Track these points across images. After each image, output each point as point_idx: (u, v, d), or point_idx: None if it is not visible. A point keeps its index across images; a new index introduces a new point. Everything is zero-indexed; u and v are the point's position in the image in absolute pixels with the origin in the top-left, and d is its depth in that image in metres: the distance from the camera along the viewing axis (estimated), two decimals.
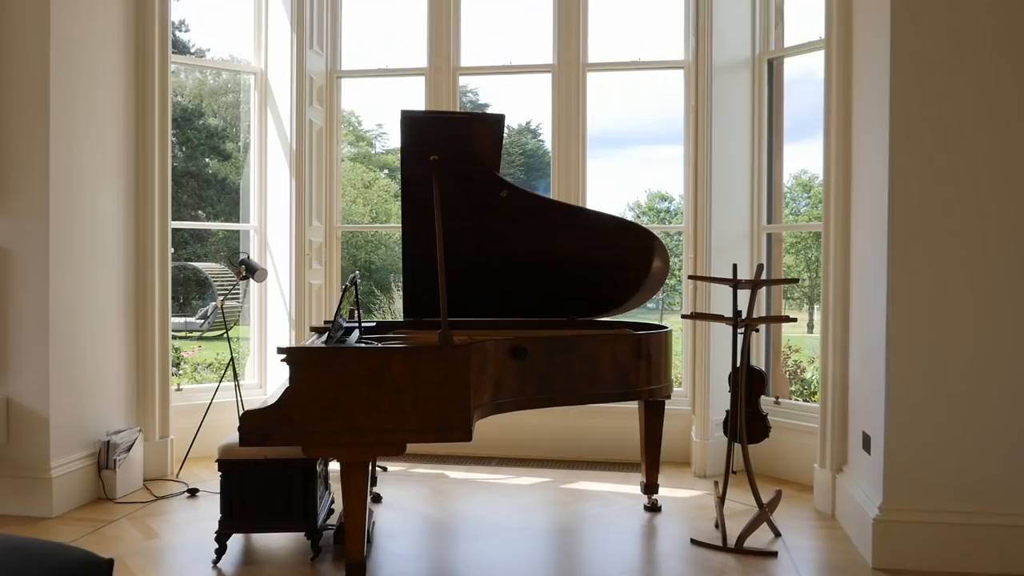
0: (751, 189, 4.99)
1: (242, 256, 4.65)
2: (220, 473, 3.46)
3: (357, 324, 3.88)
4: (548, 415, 5.09)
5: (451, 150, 3.47)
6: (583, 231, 4.05)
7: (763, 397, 4.61)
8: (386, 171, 17.73)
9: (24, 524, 3.92)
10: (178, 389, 5.26)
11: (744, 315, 3.64)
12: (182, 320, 11.90)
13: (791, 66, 5.02)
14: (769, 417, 3.92)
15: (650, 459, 4.20)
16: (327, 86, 5.56)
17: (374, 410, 3.05)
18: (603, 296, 4.36)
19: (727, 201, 4.89)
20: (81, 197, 4.26)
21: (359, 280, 3.77)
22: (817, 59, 4.59)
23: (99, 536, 3.79)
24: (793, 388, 6.42)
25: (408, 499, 4.43)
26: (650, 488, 4.22)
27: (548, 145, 5.43)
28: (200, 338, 10.76)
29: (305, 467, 3.45)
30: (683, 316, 3.84)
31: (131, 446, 4.45)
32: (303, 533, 3.51)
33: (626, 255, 4.16)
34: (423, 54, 5.48)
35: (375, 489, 4.40)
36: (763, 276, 3.84)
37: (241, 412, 3.82)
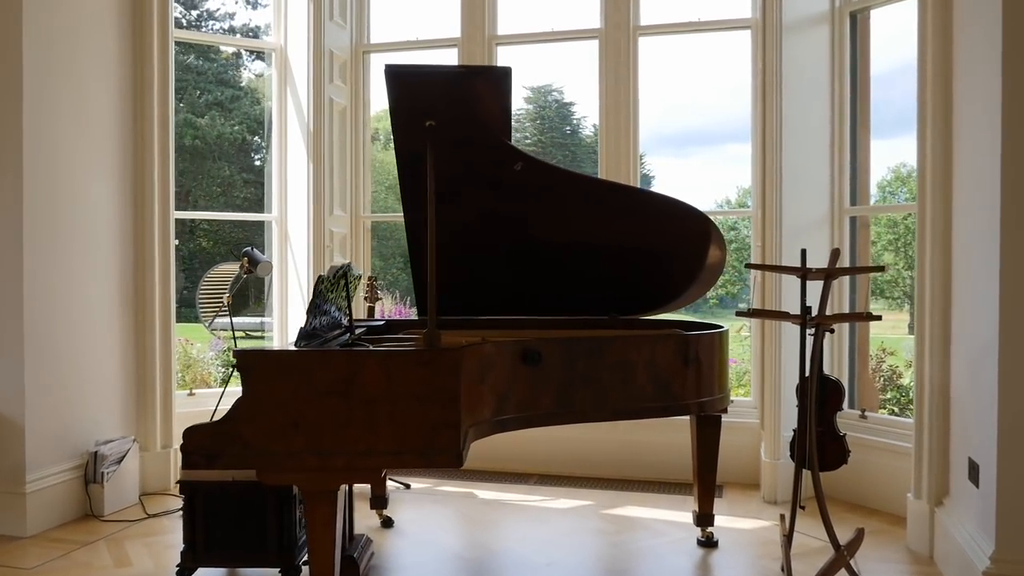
0: (831, 166, 4.24)
1: (245, 248, 4.19)
2: (182, 496, 2.97)
3: (349, 322, 3.31)
4: (596, 428, 4.46)
5: (450, 114, 2.88)
6: (621, 212, 3.41)
7: (842, 411, 3.86)
8: None
9: None
10: (190, 394, 4.84)
11: (815, 312, 2.93)
12: (258, 320, 11.63)
13: (879, 19, 4.24)
14: (852, 436, 3.20)
15: (704, 485, 3.52)
16: (351, 62, 5.06)
17: (343, 427, 2.48)
18: (649, 291, 3.70)
19: (802, 180, 4.15)
20: (64, 183, 3.85)
21: (352, 270, 3.21)
22: (910, 8, 3.82)
23: (66, 561, 3.35)
24: (888, 396, 5.61)
25: (425, 524, 3.86)
26: (703, 519, 3.54)
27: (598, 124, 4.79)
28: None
29: (281, 491, 2.93)
30: (738, 313, 3.16)
31: (122, 457, 4.02)
32: (278, 570, 2.98)
33: (676, 241, 3.50)
34: (456, 23, 4.92)
35: (386, 512, 3.85)
36: (839, 264, 3.12)
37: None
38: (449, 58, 4.96)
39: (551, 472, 4.70)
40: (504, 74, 2.78)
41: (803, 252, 3.03)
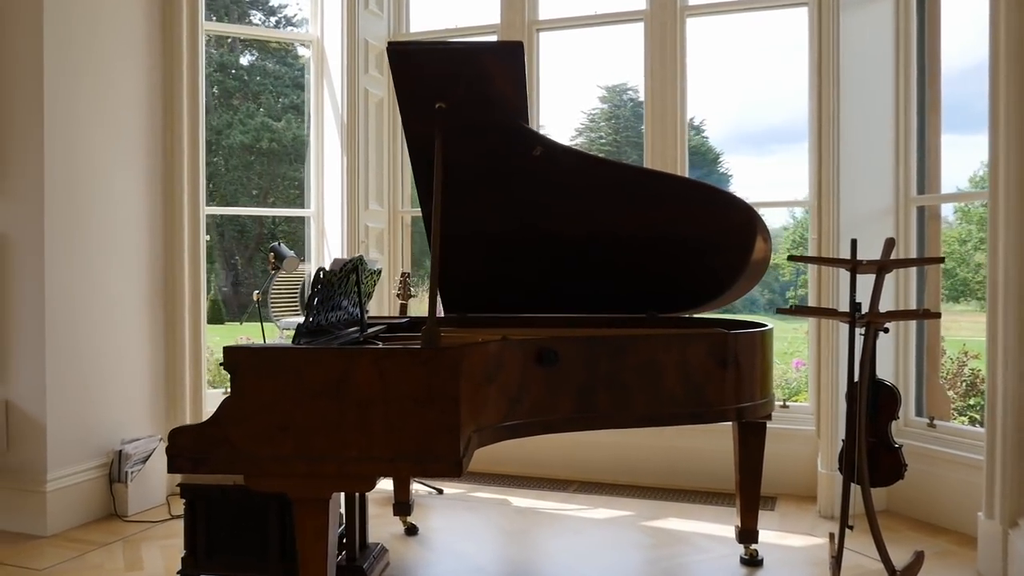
0: (895, 151, 3.88)
1: (272, 244, 4.07)
2: (183, 501, 2.84)
3: (361, 319, 3.14)
4: (640, 433, 4.21)
5: (460, 95, 2.67)
6: (655, 200, 3.15)
7: (900, 419, 3.52)
8: None
9: (8, 542, 3.47)
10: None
11: (866, 308, 2.62)
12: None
13: None
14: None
15: (746, 499, 3.23)
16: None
17: (334, 431, 2.30)
18: (690, 287, 3.42)
19: (862, 166, 3.81)
20: (86, 180, 3.79)
21: (364, 264, 3.03)
22: None
23: (79, 563, 3.27)
24: (971, 402, 5.18)
25: (451, 533, 3.66)
26: (746, 536, 3.25)
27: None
28: None
29: (283, 496, 2.76)
30: (779, 311, 2.87)
31: (148, 456, 3.94)
32: None
33: (717, 233, 3.22)
34: (496, 8, 4.72)
35: (410, 519, 3.66)
36: (895, 255, 2.80)
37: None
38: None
39: (592, 479, 4.45)
40: (514, 49, 2.55)
41: (853, 243, 2.72)
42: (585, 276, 3.42)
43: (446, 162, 2.64)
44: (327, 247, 4.88)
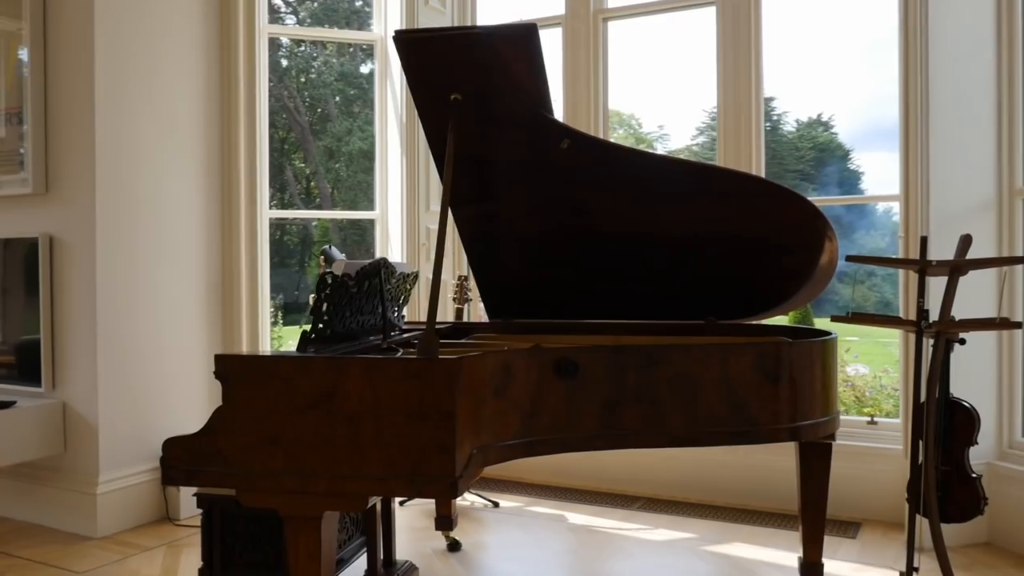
0: (996, 137, 3.43)
1: (323, 247, 4.01)
2: (200, 510, 2.76)
3: (383, 325, 2.98)
4: (713, 448, 3.90)
5: (475, 85, 2.49)
6: (703, 196, 2.87)
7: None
8: None
9: (60, 543, 3.52)
10: None
11: (936, 316, 2.27)
12: None
13: None
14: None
15: (811, 527, 2.89)
16: None
17: (324, 445, 2.15)
18: (752, 291, 3.11)
19: (957, 154, 3.38)
20: (140, 182, 3.81)
21: (391, 267, 2.88)
22: None
23: (118, 567, 3.26)
24: None
25: (495, 551, 3.48)
26: (810, 569, 2.90)
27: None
28: None
29: None
30: (833, 319, 2.54)
31: None
32: None
33: (780, 233, 2.91)
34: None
35: (453, 534, 3.50)
36: (968, 254, 2.42)
37: None
38: (552, 39, 4.55)
39: (660, 495, 4.17)
40: (528, 33, 2.34)
41: (923, 240, 2.37)
42: (636, 279, 3.17)
43: (468, 159, 2.47)
44: (390, 250, 4.79)
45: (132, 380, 3.77)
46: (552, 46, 4.56)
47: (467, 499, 4.16)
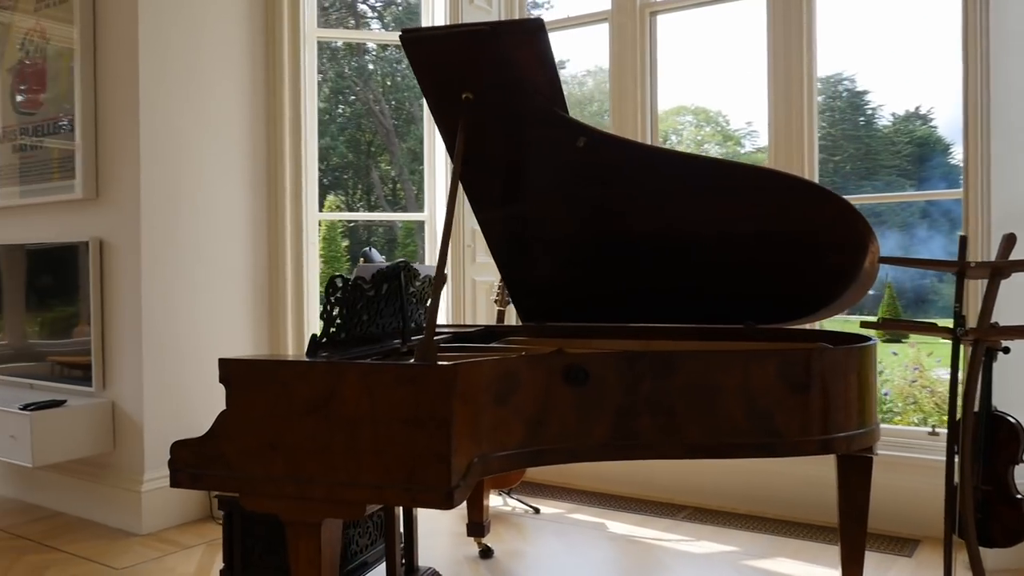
0: None
1: (364, 249, 4.01)
2: (222, 512, 2.78)
3: (402, 328, 2.94)
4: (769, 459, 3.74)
5: (485, 83, 2.43)
6: (729, 194, 2.72)
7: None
8: None
9: (106, 538, 3.62)
10: None
11: (973, 323, 2.10)
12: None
13: None
14: None
15: (849, 545, 2.72)
16: None
17: (322, 451, 2.13)
18: (794, 294, 2.96)
19: (1020, 151, 3.14)
20: (185, 185, 3.89)
21: (411, 270, 2.85)
22: None
23: (156, 564, 3.33)
24: None
25: (528, 559, 3.40)
26: None
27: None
28: None
29: None
30: (863, 324, 2.37)
31: None
32: None
33: (811, 232, 2.75)
34: None
35: (488, 540, 3.44)
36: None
37: None
38: (599, 35, 4.45)
39: (707, 505, 4.02)
40: (534, 27, 2.26)
41: (962, 240, 2.19)
42: (669, 282, 3.05)
43: (487, 160, 2.41)
44: (437, 251, 4.76)
45: (175, 380, 3.85)
46: (600, 43, 4.47)
47: (509, 504, 4.10)
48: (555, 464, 2.33)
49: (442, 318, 4.67)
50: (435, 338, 3.01)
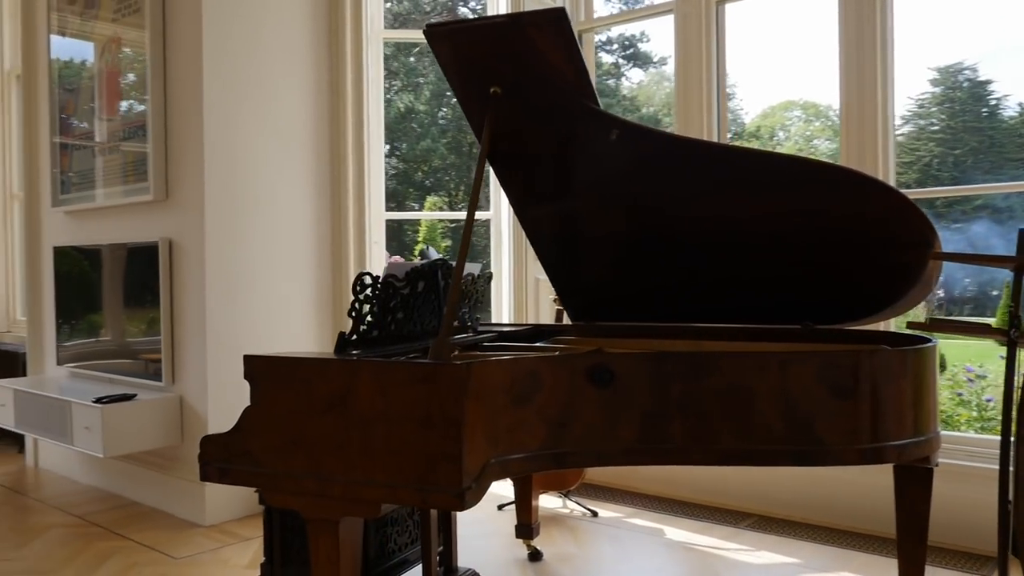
0: None
1: (422, 247, 4.04)
2: (263, 507, 2.83)
3: (441, 326, 2.90)
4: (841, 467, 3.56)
5: (512, 76, 2.38)
6: (776, 188, 2.59)
7: None
8: None
9: (171, 528, 3.74)
10: None
11: None
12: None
13: None
14: None
15: (907, 562, 2.54)
16: None
17: (340, 449, 2.13)
18: (849, 293, 2.80)
19: None
20: (249, 187, 3.99)
21: (447, 268, 2.82)
22: None
23: (211, 556, 3.42)
24: None
25: (575, 564, 3.33)
26: None
27: None
28: None
29: None
30: (909, 324, 2.19)
31: None
32: None
33: (865, 228, 2.59)
34: None
35: (534, 543, 3.39)
36: None
37: None
38: (664, 27, 4.32)
39: (773, 514, 3.85)
40: (556, 17, 2.20)
41: (1021, 234, 2.01)
42: (722, 281, 2.93)
43: (521, 157, 2.37)
44: (503, 250, 4.74)
45: (238, 378, 3.93)
46: (666, 35, 4.35)
47: (568, 507, 4.03)
48: (579, 467, 2.27)
49: (504, 317, 4.64)
50: (479, 336, 3.00)
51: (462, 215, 2.61)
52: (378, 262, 4.50)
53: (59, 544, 3.55)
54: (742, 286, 2.91)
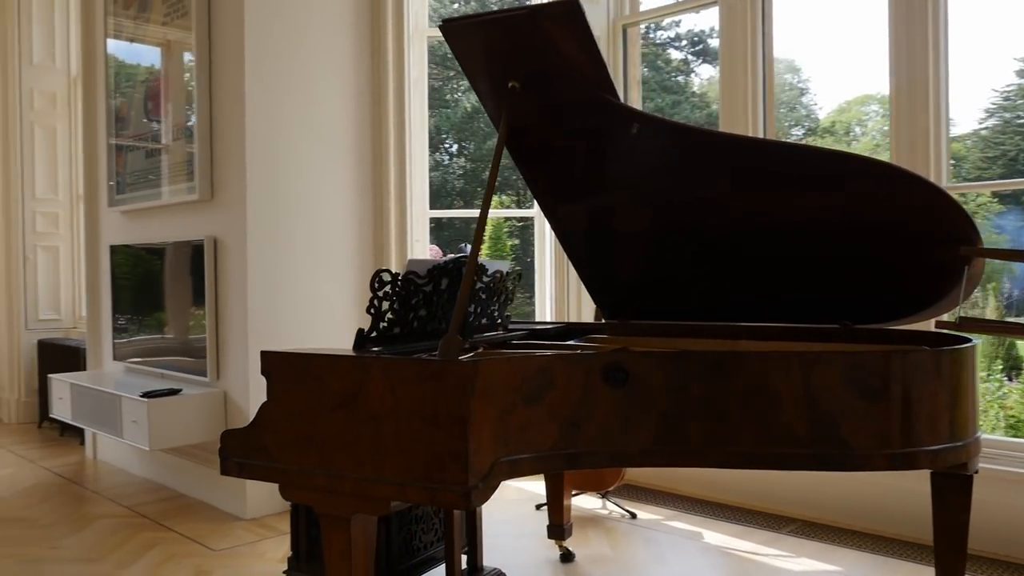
0: None
1: (460, 245, 4.02)
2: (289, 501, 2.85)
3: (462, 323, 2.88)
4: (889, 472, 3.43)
5: (530, 70, 2.35)
6: (808, 183, 2.49)
7: None
8: (952, 162, 15.78)
9: (213, 521, 3.82)
10: None
11: None
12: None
13: None
14: None
15: (944, 573, 2.43)
16: (609, 37, 4.58)
17: (350, 446, 2.13)
18: (890, 292, 2.69)
19: None
20: (291, 186, 4.04)
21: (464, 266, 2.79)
22: None
23: (248, 548, 3.48)
24: None
25: (606, 566, 3.28)
26: None
27: None
28: None
29: None
30: (938, 324, 2.07)
31: None
32: None
33: (905, 225, 2.49)
34: None
35: (567, 544, 3.35)
36: None
37: None
38: (710, 19, 4.22)
39: (818, 519, 3.72)
40: (571, 8, 2.15)
41: None
42: (758, 278, 2.85)
43: (545, 152, 2.34)
44: (546, 248, 4.71)
45: None
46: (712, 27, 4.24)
47: (607, 508, 3.97)
48: (594, 468, 2.22)
49: (547, 315, 4.61)
50: (509, 333, 2.98)
51: (509, 212, 2.58)
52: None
53: (106, 534, 3.66)
54: (779, 284, 2.82)
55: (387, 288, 2.42)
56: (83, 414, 4.39)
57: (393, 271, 2.44)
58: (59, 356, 5.82)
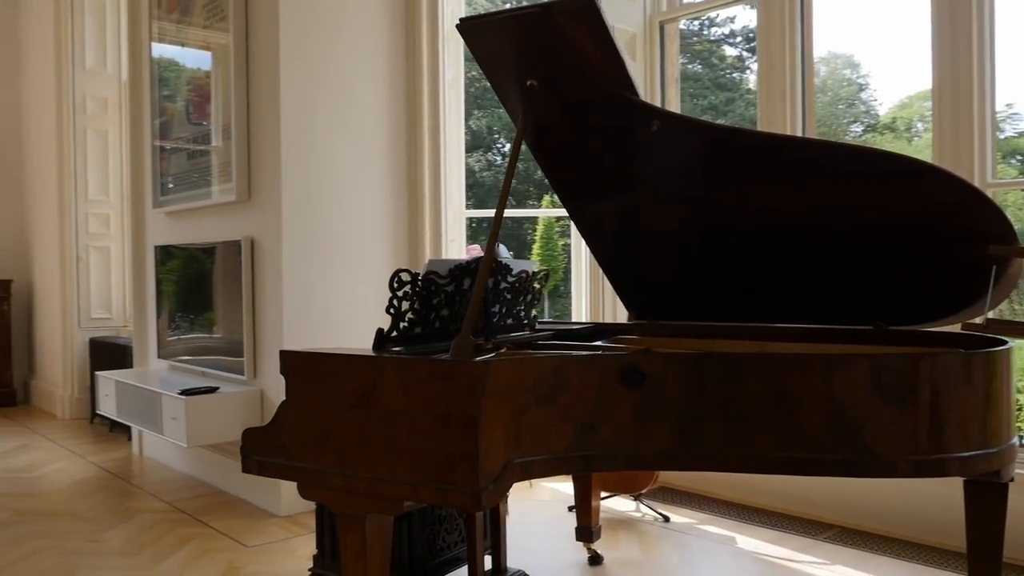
0: None
1: (498, 246, 3.99)
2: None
3: (483, 322, 2.87)
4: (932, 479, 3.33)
5: (548, 68, 2.33)
6: (837, 180, 2.43)
7: None
8: (1019, 158, 15.24)
9: (249, 517, 3.88)
10: None
11: None
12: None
13: None
14: None
15: None
16: (645, 34, 4.53)
17: (365, 445, 2.13)
18: (920, 292, 2.61)
19: None
20: (326, 187, 4.08)
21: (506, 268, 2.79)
22: None
23: (280, 545, 3.52)
24: None
25: (634, 570, 3.24)
26: None
27: None
28: None
29: None
30: (964, 326, 1.99)
31: None
32: None
33: (939, 224, 2.40)
34: None
35: (595, 546, 3.32)
36: None
37: None
38: (747, 17, 4.14)
39: (857, 526, 3.63)
40: (585, 6, 2.12)
41: None
42: (790, 278, 2.79)
43: (567, 151, 2.33)
44: (581, 248, 4.68)
45: None
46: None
47: (640, 511, 3.93)
48: (609, 471, 2.19)
49: (582, 315, 4.58)
50: (536, 333, 2.96)
51: (544, 212, 2.56)
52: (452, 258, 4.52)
53: (145, 528, 3.74)
54: (811, 284, 2.75)
55: (407, 288, 2.42)
56: (127, 411, 4.50)
57: (413, 271, 2.44)
58: (109, 354, 5.97)
